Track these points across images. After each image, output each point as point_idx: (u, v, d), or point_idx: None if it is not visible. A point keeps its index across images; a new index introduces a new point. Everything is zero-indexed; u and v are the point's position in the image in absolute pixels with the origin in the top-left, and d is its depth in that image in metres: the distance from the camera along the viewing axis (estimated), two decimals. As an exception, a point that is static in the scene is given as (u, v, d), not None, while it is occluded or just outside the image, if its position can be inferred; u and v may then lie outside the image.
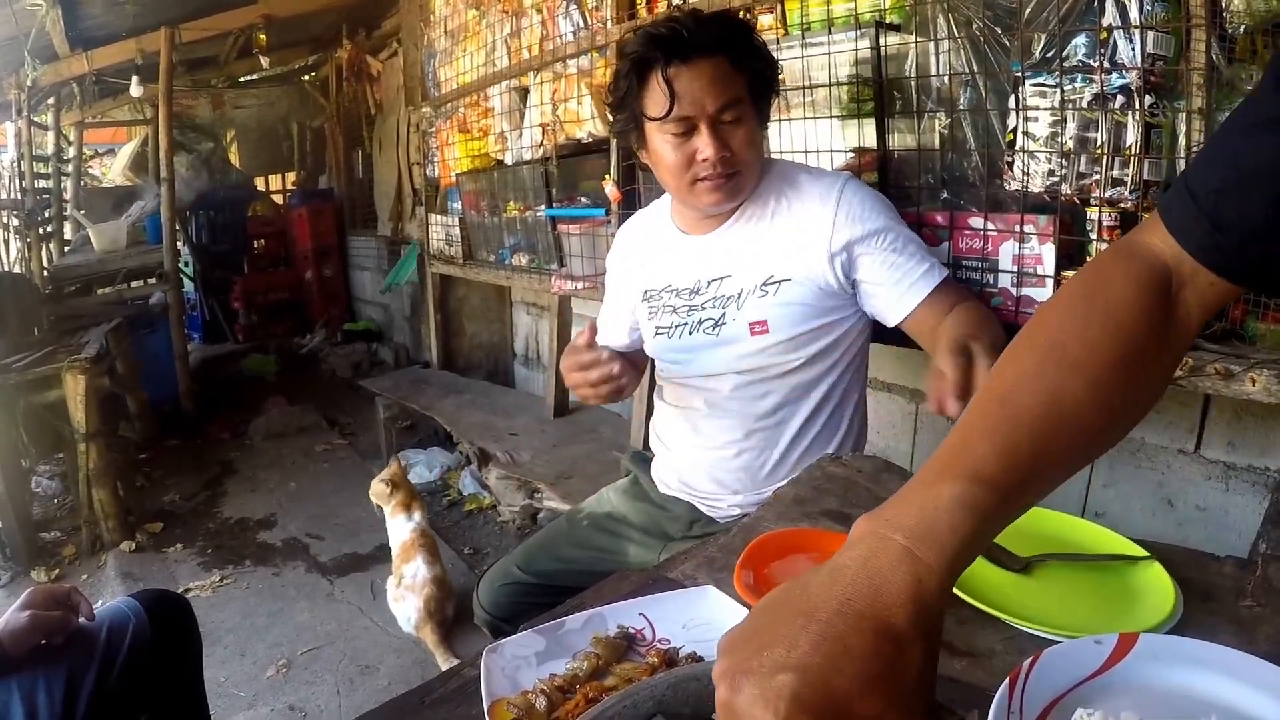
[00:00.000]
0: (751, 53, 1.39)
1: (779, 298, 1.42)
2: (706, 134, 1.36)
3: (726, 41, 1.36)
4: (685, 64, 1.35)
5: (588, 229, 2.77)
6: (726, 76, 1.35)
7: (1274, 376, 1.30)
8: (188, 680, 1.31)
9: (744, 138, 1.38)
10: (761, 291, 1.43)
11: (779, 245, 1.43)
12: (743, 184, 1.43)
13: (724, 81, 1.35)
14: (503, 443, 3.29)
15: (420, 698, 0.80)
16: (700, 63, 1.35)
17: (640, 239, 1.65)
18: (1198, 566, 0.95)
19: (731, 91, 1.35)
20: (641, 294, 1.59)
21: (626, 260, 1.67)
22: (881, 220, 1.41)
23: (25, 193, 6.24)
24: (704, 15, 1.42)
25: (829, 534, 1.07)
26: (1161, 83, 1.36)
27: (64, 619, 1.16)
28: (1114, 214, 1.45)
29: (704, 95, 1.35)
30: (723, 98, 1.35)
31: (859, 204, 1.41)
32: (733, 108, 1.36)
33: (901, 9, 1.71)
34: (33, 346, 3.46)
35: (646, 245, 1.62)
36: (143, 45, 4.72)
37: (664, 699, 0.62)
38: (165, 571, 3.05)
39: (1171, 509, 1.76)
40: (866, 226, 1.40)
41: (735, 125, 1.37)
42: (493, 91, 3.31)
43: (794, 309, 1.42)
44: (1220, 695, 0.69)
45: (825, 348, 1.45)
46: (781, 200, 1.45)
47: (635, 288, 1.61)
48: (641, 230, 1.66)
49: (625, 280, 1.66)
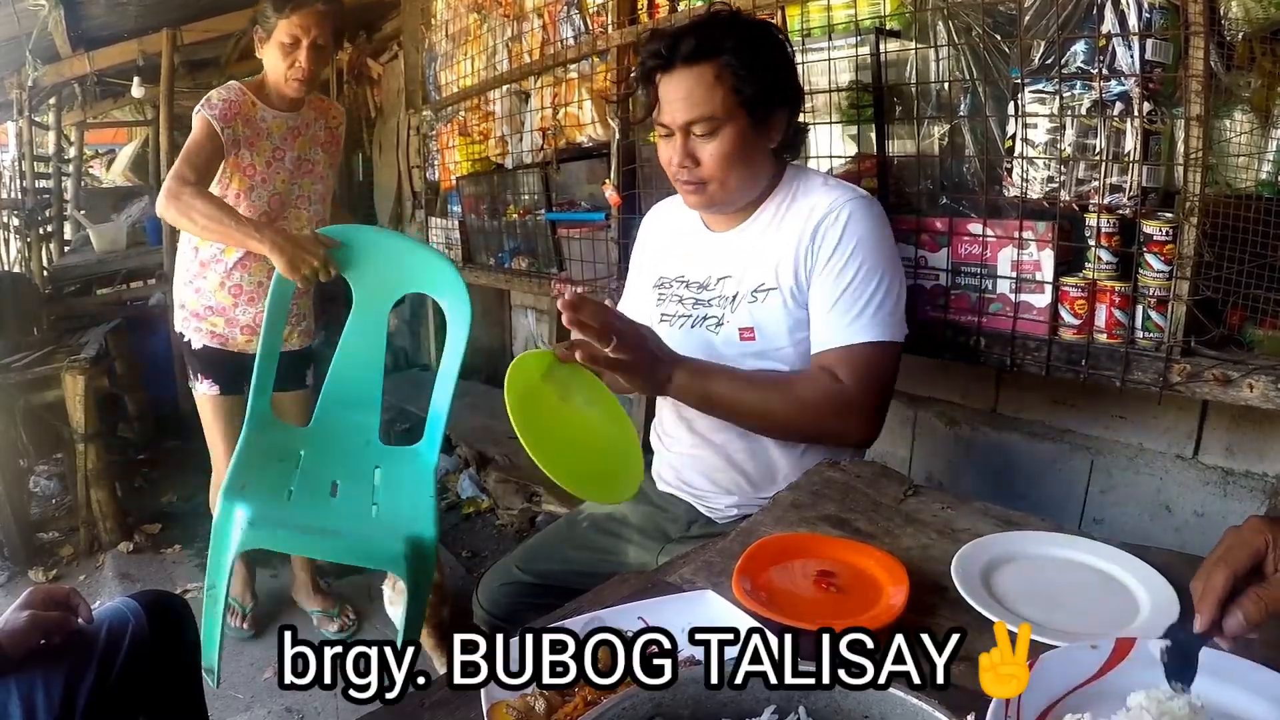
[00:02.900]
0: (749, 58, 1.34)
1: (766, 306, 1.42)
2: (679, 142, 1.38)
3: (712, 51, 1.33)
4: (668, 72, 1.36)
5: (588, 233, 2.78)
6: (705, 89, 1.34)
7: (1272, 382, 1.30)
8: (186, 681, 1.31)
9: (715, 151, 1.36)
10: (752, 298, 1.43)
11: (773, 252, 1.43)
12: (713, 194, 1.42)
13: (699, 95, 1.34)
14: (501, 446, 3.29)
15: (419, 700, 0.80)
16: (680, 73, 1.35)
17: (664, 225, 1.66)
18: (1195, 572, 0.95)
19: (704, 106, 1.34)
20: (656, 279, 1.60)
21: (646, 244, 1.68)
22: (848, 247, 1.36)
23: (26, 192, 6.24)
24: (702, 19, 1.40)
25: (827, 539, 1.07)
26: (1160, 89, 1.37)
27: (63, 620, 1.16)
28: (1113, 220, 1.45)
29: (677, 107, 1.36)
30: (692, 113, 1.35)
31: (844, 221, 1.37)
32: (704, 123, 1.35)
33: (902, 15, 1.72)
34: (32, 346, 3.45)
35: (669, 233, 1.63)
36: (144, 46, 4.72)
37: (662, 701, 0.62)
38: (163, 572, 3.05)
39: (1169, 514, 1.76)
40: (833, 244, 1.36)
41: (707, 139, 1.36)
42: (493, 95, 3.31)
43: (778, 319, 1.42)
44: (1216, 699, 0.69)
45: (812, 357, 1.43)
46: (791, 206, 1.44)
47: (651, 272, 1.62)
48: (667, 218, 1.66)
49: (643, 263, 1.67)
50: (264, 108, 2.25)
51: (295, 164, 2.33)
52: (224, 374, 2.37)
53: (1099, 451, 1.86)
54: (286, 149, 2.29)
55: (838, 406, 1.34)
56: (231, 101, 2.18)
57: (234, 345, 2.37)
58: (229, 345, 2.37)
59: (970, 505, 1.18)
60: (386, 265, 1.88)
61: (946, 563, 0.98)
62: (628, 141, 2.44)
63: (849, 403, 1.34)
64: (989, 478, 2.07)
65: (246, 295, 2.34)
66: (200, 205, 1.99)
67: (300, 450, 1.74)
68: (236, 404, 2.30)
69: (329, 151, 2.44)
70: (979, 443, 2.08)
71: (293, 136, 2.31)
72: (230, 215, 2.01)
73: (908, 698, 0.59)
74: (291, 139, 2.31)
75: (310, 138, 2.37)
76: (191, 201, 2.00)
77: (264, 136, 2.25)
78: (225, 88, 2.21)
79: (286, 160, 2.30)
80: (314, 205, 2.40)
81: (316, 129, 2.39)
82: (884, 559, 0.98)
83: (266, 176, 2.28)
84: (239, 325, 2.36)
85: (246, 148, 2.22)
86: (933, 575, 0.98)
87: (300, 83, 2.19)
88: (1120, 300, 1.46)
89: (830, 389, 1.34)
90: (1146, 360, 1.44)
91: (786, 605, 0.90)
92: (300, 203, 2.38)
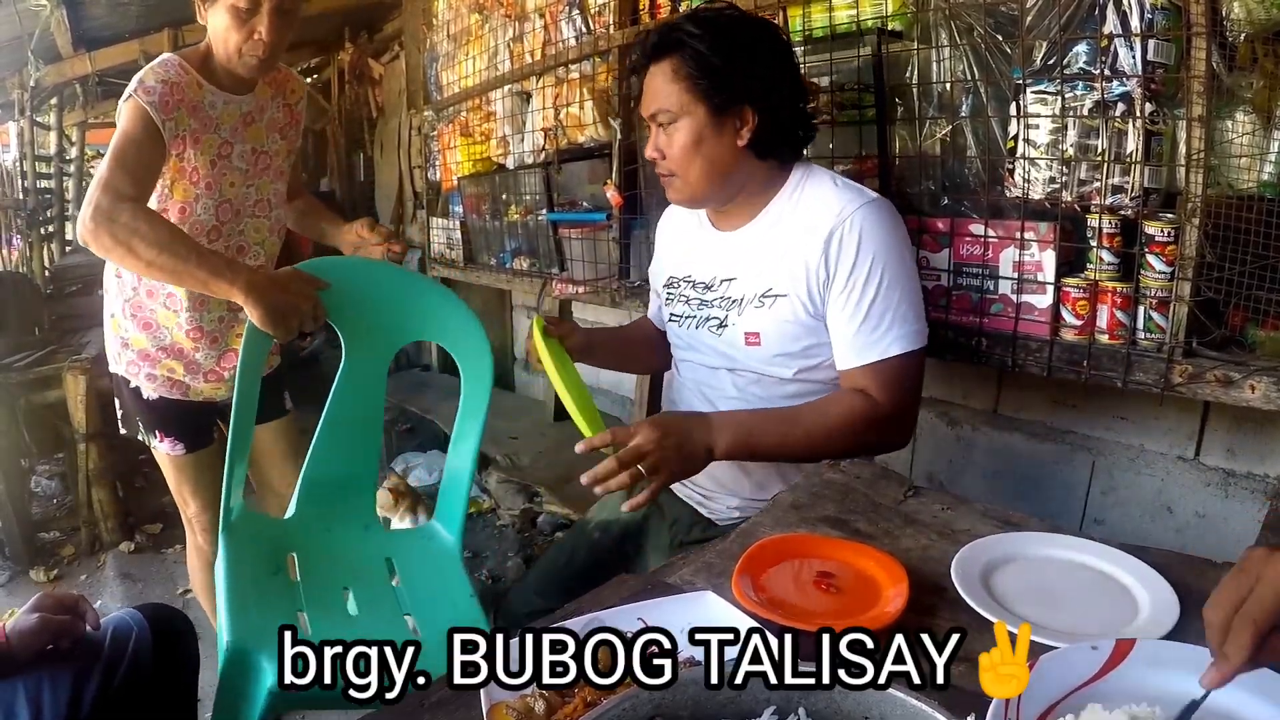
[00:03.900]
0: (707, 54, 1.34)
1: (774, 312, 1.41)
2: (651, 134, 1.45)
3: (674, 45, 1.38)
4: (643, 69, 1.43)
5: (589, 233, 2.78)
6: (665, 82, 1.39)
7: (1273, 384, 1.30)
8: (183, 699, 1.32)
9: (675, 142, 1.40)
10: (759, 303, 1.43)
11: (781, 257, 1.41)
12: (682, 189, 1.45)
13: (658, 88, 1.40)
14: (502, 446, 3.29)
15: (419, 700, 0.80)
16: (651, 69, 1.42)
17: (676, 225, 1.67)
18: (1197, 573, 0.95)
19: (662, 99, 1.40)
20: (666, 278, 1.62)
21: (662, 245, 1.70)
22: (868, 259, 1.34)
23: (27, 193, 6.25)
24: (677, 18, 1.45)
25: (827, 540, 1.07)
26: (1162, 90, 1.37)
27: (71, 624, 1.17)
28: (1114, 221, 1.45)
29: (645, 100, 1.43)
30: (652, 105, 1.42)
31: (860, 230, 1.34)
32: (663, 114, 1.40)
33: (904, 16, 1.72)
34: (33, 346, 3.46)
35: (679, 232, 1.64)
36: (146, 46, 4.72)
37: (662, 702, 0.62)
38: (164, 572, 3.05)
39: (1171, 515, 1.76)
40: (851, 258, 1.34)
41: (670, 130, 1.41)
42: (495, 95, 3.31)
43: (787, 326, 1.41)
44: (1216, 700, 0.69)
45: (818, 365, 1.43)
46: (799, 208, 1.43)
47: (663, 272, 1.65)
48: (676, 219, 1.68)
49: (660, 263, 1.69)
50: (210, 90, 1.68)
51: (250, 160, 1.79)
52: (188, 429, 1.89)
53: (1100, 452, 1.86)
54: (236, 142, 1.75)
55: (875, 424, 1.35)
56: (173, 84, 1.60)
57: (196, 395, 1.89)
58: (190, 395, 1.89)
59: (970, 506, 1.17)
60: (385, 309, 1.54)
61: (946, 563, 0.98)
62: (629, 141, 2.44)
63: (886, 418, 1.36)
64: (990, 478, 2.07)
65: (209, 337, 1.84)
66: (145, 230, 1.45)
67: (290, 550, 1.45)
68: (209, 455, 1.87)
69: (288, 137, 1.89)
70: (980, 443, 2.08)
71: (245, 125, 1.76)
72: (187, 245, 1.49)
73: (908, 698, 0.59)
74: (243, 128, 1.76)
75: (267, 123, 1.81)
76: (133, 225, 1.45)
77: (211, 128, 1.69)
78: (161, 64, 1.63)
79: (236, 156, 1.75)
80: (274, 211, 1.88)
81: (274, 110, 1.83)
82: (884, 560, 0.97)
83: (213, 180, 1.72)
84: (202, 372, 1.87)
85: (191, 145, 1.66)
86: (932, 576, 0.98)
87: (260, 60, 1.63)
88: (1122, 301, 1.46)
89: (865, 410, 1.34)
90: (1148, 361, 1.43)
91: (786, 606, 0.90)
92: (259, 209, 1.84)
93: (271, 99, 1.82)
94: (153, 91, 1.58)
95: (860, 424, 1.34)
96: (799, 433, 1.34)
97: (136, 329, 1.83)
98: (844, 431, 1.34)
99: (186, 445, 1.91)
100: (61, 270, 5.23)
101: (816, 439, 1.34)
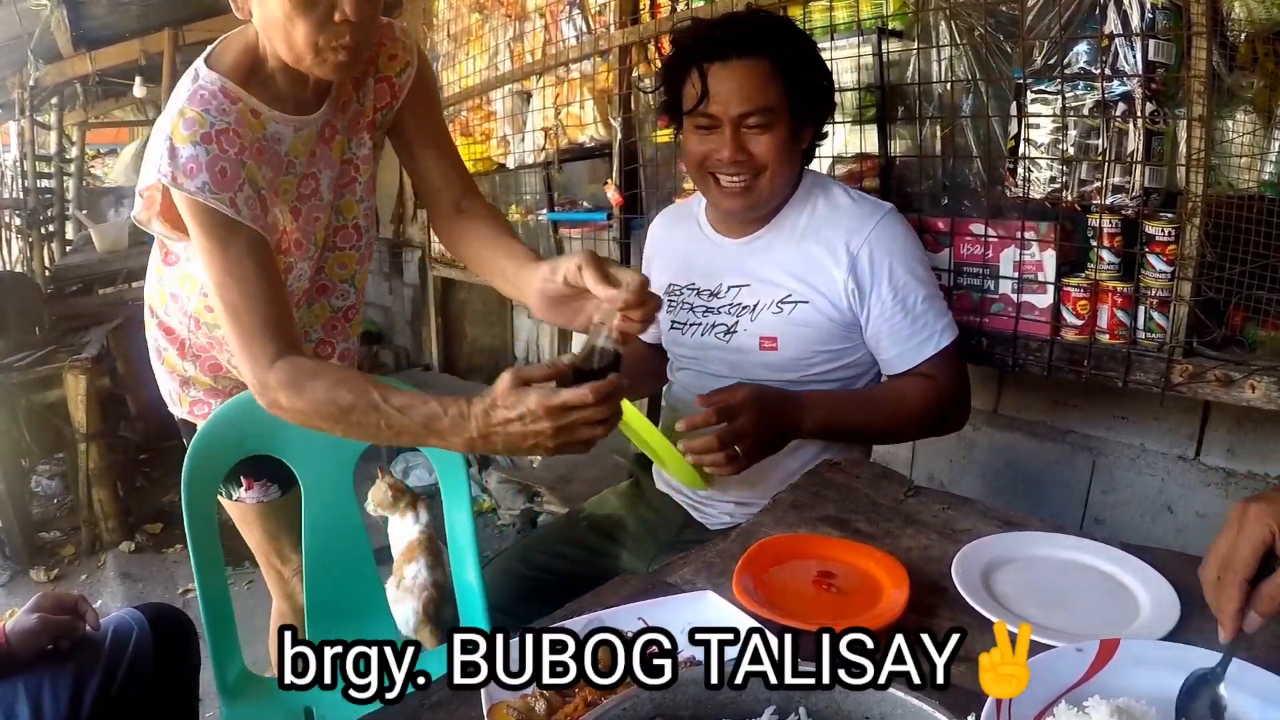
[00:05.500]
0: (799, 60, 1.37)
1: (794, 318, 1.42)
2: (728, 134, 1.36)
3: (771, 44, 1.34)
4: (723, 62, 1.35)
5: (589, 233, 2.78)
6: (762, 81, 1.34)
7: (1274, 383, 1.30)
8: (183, 701, 1.32)
9: (768, 145, 1.36)
10: (777, 308, 1.43)
11: (802, 265, 1.42)
12: (760, 192, 1.40)
13: (756, 86, 1.34)
14: (503, 445, 3.28)
15: (419, 700, 0.80)
16: (737, 63, 1.34)
17: (671, 234, 1.65)
18: (1197, 573, 0.95)
19: (762, 98, 1.34)
20: (666, 287, 1.59)
21: (655, 254, 1.68)
22: (902, 271, 1.39)
23: (28, 192, 6.25)
24: (753, 14, 1.43)
25: (827, 539, 1.07)
26: (1163, 90, 1.37)
27: (71, 625, 1.17)
28: (1115, 221, 1.45)
29: (732, 97, 1.35)
30: (749, 103, 1.34)
31: (887, 245, 1.39)
32: (760, 114, 1.35)
33: (904, 15, 1.71)
34: (34, 346, 3.45)
35: (676, 241, 1.62)
36: (146, 46, 4.73)
37: (662, 702, 0.62)
38: (165, 572, 3.05)
39: (1171, 515, 1.76)
40: (885, 273, 1.39)
41: (760, 131, 1.36)
42: (495, 95, 3.31)
43: (807, 331, 1.42)
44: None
45: (834, 369, 1.45)
46: (815, 219, 1.44)
47: (661, 281, 1.61)
48: (672, 226, 1.66)
49: (652, 273, 1.64)
50: (272, 117, 1.20)
51: (334, 189, 1.33)
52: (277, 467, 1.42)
53: (1101, 452, 1.86)
54: (319, 169, 1.29)
55: (944, 406, 1.44)
56: (219, 131, 1.11)
57: None
58: None
59: (970, 506, 1.17)
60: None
61: (946, 563, 0.98)
62: (629, 141, 2.44)
63: (951, 399, 1.44)
64: (991, 478, 2.07)
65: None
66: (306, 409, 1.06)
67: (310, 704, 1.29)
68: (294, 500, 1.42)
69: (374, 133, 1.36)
70: (981, 443, 2.07)
71: (324, 143, 1.29)
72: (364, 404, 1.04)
73: (908, 698, 0.59)
74: (323, 148, 1.29)
75: (349, 123, 1.32)
76: (293, 405, 1.06)
77: (283, 169, 1.23)
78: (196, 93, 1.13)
79: (323, 190, 1.30)
80: (365, 236, 1.42)
81: (359, 101, 1.32)
82: (884, 559, 0.97)
83: (303, 236, 1.28)
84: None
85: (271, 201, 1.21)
86: (933, 575, 0.98)
87: (348, 53, 1.12)
88: (1122, 301, 1.46)
89: (935, 394, 1.41)
90: (1148, 361, 1.43)
91: (786, 606, 0.90)
92: (341, 239, 1.39)
93: (355, 88, 1.31)
94: (198, 168, 1.08)
95: (934, 407, 1.42)
96: (880, 416, 1.42)
97: (198, 369, 1.46)
98: (921, 412, 1.41)
99: (281, 486, 1.54)
100: (61, 270, 5.23)
101: (897, 421, 1.42)
